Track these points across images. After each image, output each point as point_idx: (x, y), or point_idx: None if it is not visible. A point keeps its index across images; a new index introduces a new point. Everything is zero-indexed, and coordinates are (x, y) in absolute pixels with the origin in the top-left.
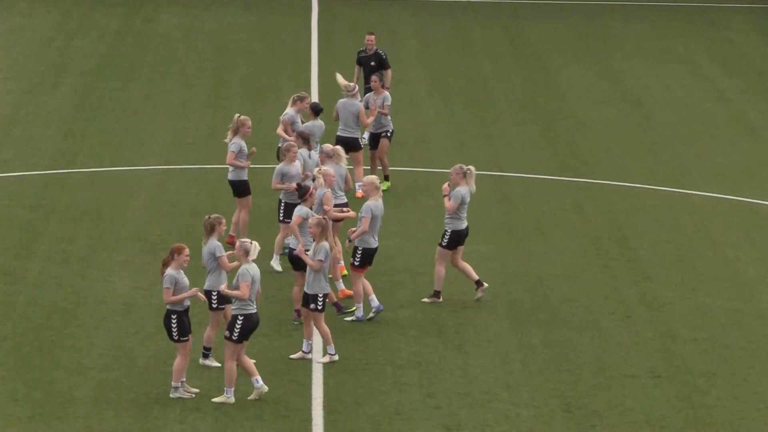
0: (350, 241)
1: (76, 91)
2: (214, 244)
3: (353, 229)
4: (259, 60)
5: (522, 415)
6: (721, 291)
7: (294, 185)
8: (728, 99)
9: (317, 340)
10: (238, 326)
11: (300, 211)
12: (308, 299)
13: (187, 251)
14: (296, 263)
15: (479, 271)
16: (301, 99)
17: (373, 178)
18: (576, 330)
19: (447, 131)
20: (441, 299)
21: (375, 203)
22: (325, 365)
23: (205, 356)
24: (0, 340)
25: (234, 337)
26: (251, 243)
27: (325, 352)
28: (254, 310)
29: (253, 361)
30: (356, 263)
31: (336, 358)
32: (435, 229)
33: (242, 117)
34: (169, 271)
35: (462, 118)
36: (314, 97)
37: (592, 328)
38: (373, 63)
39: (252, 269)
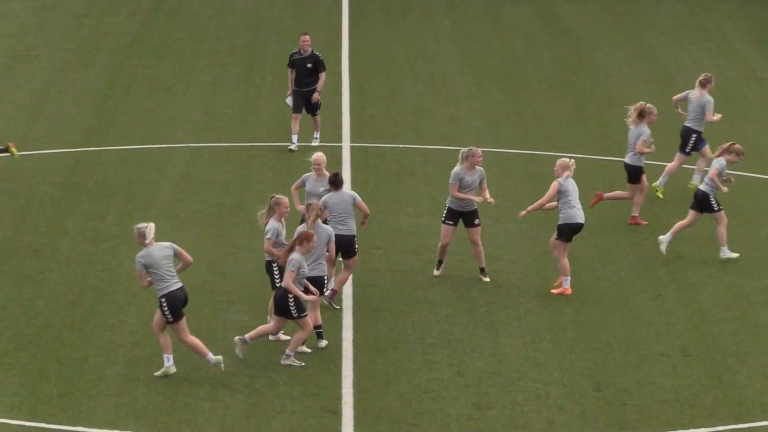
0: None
1: (108, 69)
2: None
3: None
4: (291, 37)
5: (552, 393)
6: (753, 270)
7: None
8: (761, 78)
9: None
10: (165, 308)
11: None
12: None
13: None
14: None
15: (510, 249)
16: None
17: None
18: (606, 309)
19: (478, 109)
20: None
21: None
22: (356, 344)
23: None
24: (31, 318)
25: (169, 319)
26: (146, 226)
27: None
28: (176, 286)
29: (288, 337)
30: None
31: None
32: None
33: (648, 105)
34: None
35: (493, 96)
36: (344, 75)
37: (622, 307)
38: (309, 65)
39: (153, 252)
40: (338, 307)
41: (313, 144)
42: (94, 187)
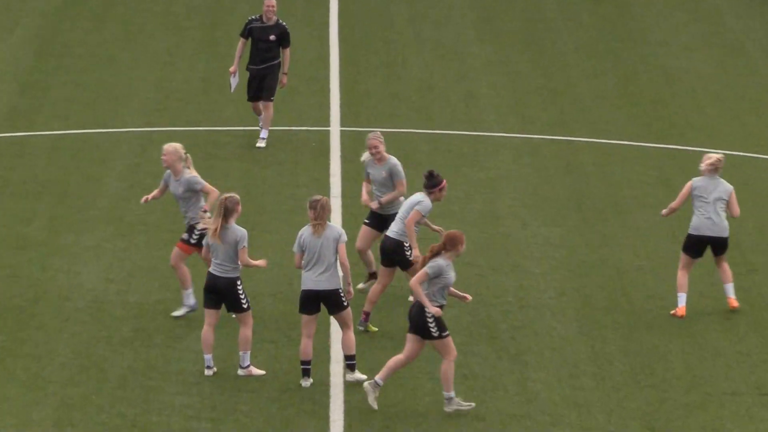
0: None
1: (36, 35)
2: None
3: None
4: None
5: None
6: None
7: None
8: None
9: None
10: None
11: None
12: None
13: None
14: (389, 258)
15: (541, 260)
16: None
17: None
18: (663, 335)
19: (500, 84)
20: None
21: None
22: (346, 380)
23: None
24: None
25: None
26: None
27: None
28: None
29: (262, 372)
30: None
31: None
32: (485, 209)
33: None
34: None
35: (519, 69)
36: (332, 40)
37: (682, 333)
38: (272, 37)
39: None
40: (375, 329)
41: (258, 145)
42: (18, 182)
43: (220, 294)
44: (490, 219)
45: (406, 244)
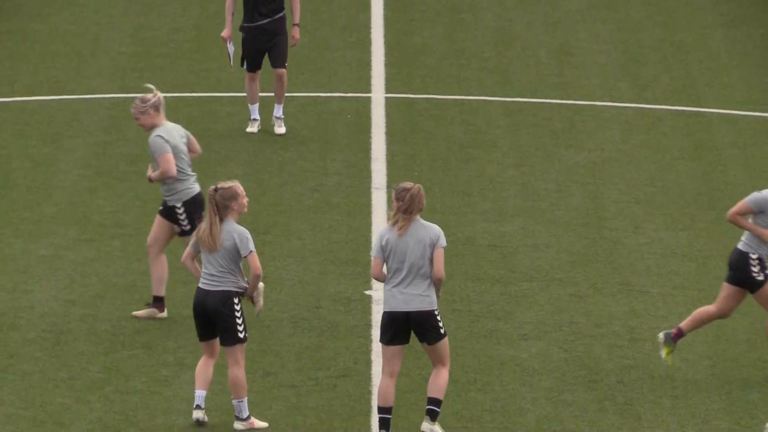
0: None
1: None
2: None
3: None
4: None
5: None
6: None
7: None
8: None
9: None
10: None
11: None
12: None
13: None
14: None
15: (663, 274)
16: None
17: None
18: None
19: (605, 36)
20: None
21: None
22: None
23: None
24: None
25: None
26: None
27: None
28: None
29: (264, 424)
30: None
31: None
32: (584, 206)
33: None
34: None
35: (631, 15)
36: None
37: None
38: None
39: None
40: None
41: (276, 131)
42: None
43: (211, 316)
44: (591, 219)
45: (754, 257)
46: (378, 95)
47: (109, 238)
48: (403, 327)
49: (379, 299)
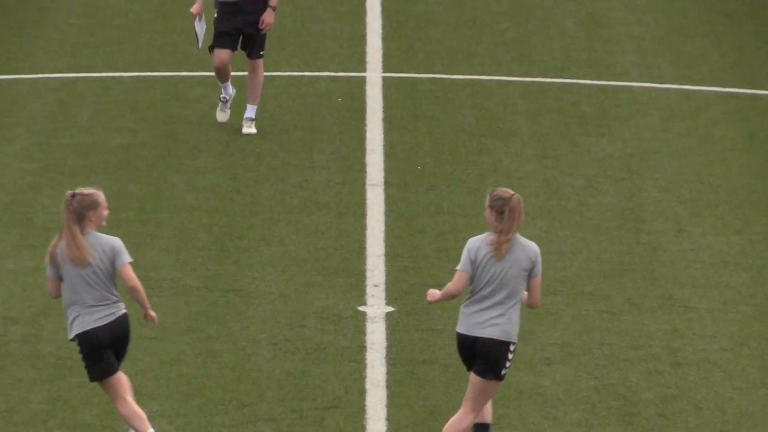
0: None
1: None
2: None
3: None
4: None
5: None
6: None
7: None
8: None
9: None
10: None
11: None
12: None
13: None
14: None
15: (711, 287)
16: None
17: None
18: None
19: (640, 4)
20: None
21: None
22: None
23: None
24: None
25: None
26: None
27: None
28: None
29: None
30: None
31: None
32: (619, 205)
33: None
34: None
35: None
36: None
37: None
38: None
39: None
40: None
41: (245, 131)
42: None
43: (118, 347)
44: (627, 222)
45: None
46: (374, 74)
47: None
48: (468, 352)
49: (375, 316)
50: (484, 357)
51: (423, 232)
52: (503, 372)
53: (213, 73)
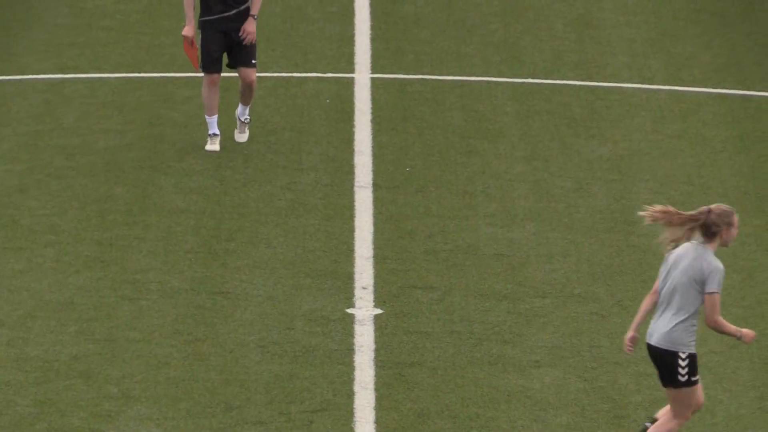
0: None
1: None
2: None
3: None
4: None
5: None
6: None
7: None
8: None
9: None
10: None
11: None
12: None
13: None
14: None
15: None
16: None
17: None
18: None
19: (632, 2)
20: None
21: None
22: None
23: None
24: None
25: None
26: None
27: None
28: None
29: None
30: None
31: None
32: (609, 207)
33: None
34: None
35: None
36: None
37: None
38: None
39: None
40: None
41: (238, 140)
42: None
43: None
44: (617, 224)
45: None
46: (362, 75)
47: (42, 246)
48: (655, 361)
49: (363, 319)
50: (661, 367)
51: (412, 234)
52: (681, 378)
53: (200, 75)
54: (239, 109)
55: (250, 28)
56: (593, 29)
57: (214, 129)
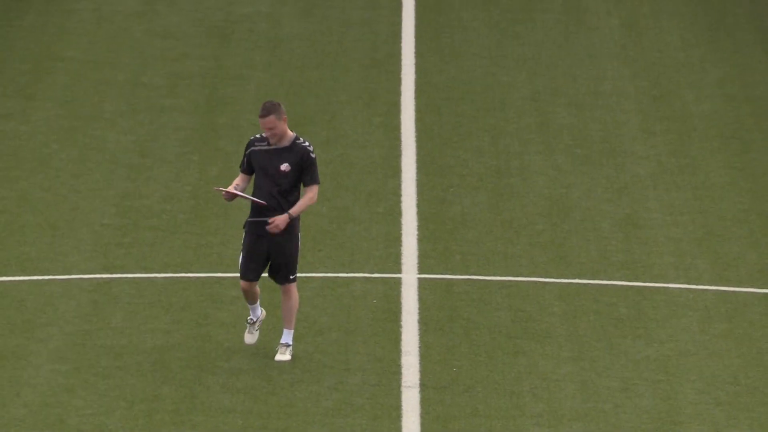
0: None
1: None
2: None
3: None
4: None
5: None
6: None
7: None
8: None
9: None
10: None
11: None
12: None
13: None
14: None
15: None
16: None
17: None
18: None
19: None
20: None
21: None
22: None
23: None
24: None
25: None
26: None
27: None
28: None
29: None
30: None
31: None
32: (651, 406)
33: None
34: None
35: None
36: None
37: None
38: (283, 167)
39: None
40: None
41: (278, 358)
42: None
43: None
44: (664, 425)
45: None
46: (410, 276)
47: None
48: None
49: None
50: None
51: None
52: None
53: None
54: (284, 335)
55: (278, 221)
56: (640, 229)
57: (254, 314)
